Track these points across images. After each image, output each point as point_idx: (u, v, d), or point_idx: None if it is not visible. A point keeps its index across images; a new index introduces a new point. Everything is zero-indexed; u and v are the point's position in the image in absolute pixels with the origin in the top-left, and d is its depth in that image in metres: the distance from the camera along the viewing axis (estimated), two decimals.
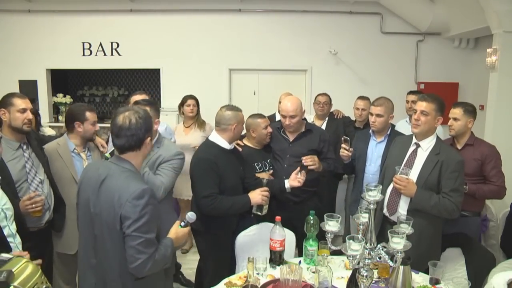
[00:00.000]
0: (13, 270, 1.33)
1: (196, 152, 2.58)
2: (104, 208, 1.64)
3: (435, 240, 2.33)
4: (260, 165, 2.79)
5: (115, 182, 1.65)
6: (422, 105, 2.30)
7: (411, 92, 3.93)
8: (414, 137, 2.41)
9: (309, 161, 2.68)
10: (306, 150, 2.78)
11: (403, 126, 3.42)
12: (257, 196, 2.45)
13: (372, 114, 2.89)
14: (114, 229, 1.62)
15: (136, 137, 1.69)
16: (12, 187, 2.16)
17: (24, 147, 2.34)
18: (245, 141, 2.89)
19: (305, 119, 2.95)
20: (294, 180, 2.60)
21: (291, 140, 2.85)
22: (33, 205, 2.14)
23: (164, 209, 2.12)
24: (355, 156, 2.96)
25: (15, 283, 1.30)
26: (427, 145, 2.33)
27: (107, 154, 2.53)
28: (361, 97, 3.77)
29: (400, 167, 2.30)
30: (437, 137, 2.37)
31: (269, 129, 2.83)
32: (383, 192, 2.32)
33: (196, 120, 3.89)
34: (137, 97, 2.88)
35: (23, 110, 2.29)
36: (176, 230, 1.85)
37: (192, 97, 3.91)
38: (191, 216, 1.90)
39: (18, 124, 2.27)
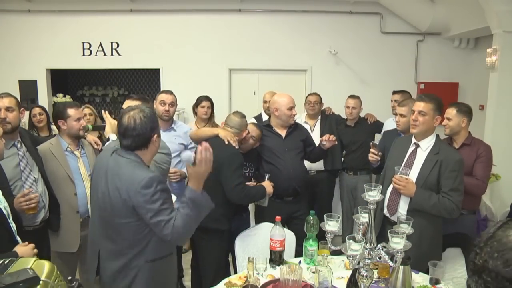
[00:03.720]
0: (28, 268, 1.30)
1: (223, 147, 2.55)
2: (113, 197, 1.70)
3: (436, 240, 2.33)
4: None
5: (122, 171, 1.70)
6: (420, 105, 2.31)
7: (395, 92, 3.95)
8: (413, 137, 2.41)
9: (333, 137, 2.96)
10: (299, 142, 3.01)
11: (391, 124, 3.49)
12: (269, 187, 2.66)
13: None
14: (124, 216, 1.68)
15: (142, 136, 1.72)
16: (5, 185, 2.16)
17: (18, 145, 2.34)
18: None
19: None
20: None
21: (283, 136, 2.98)
22: (27, 202, 2.14)
23: None
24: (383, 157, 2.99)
25: (42, 277, 1.29)
26: (427, 145, 2.34)
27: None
28: (352, 96, 3.90)
29: (400, 167, 2.31)
30: (437, 136, 2.37)
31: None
32: (383, 193, 2.33)
33: (209, 121, 3.80)
34: (131, 102, 2.61)
35: None
36: (192, 172, 1.73)
37: (207, 98, 3.81)
38: (192, 154, 1.83)
39: None
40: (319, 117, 3.98)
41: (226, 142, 2.56)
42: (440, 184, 2.25)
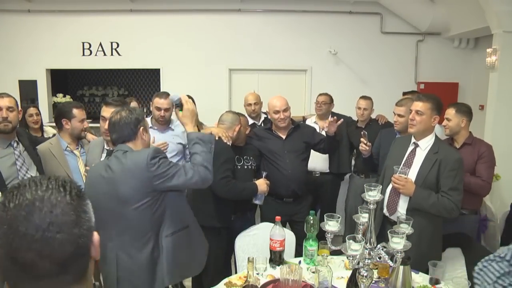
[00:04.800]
0: None
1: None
2: (123, 188, 1.77)
3: (436, 239, 2.33)
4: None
5: (124, 161, 1.79)
6: (418, 105, 2.32)
7: (405, 94, 3.97)
8: (413, 137, 2.42)
9: (334, 118, 2.95)
10: (301, 143, 2.96)
11: None
12: (263, 185, 2.61)
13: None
14: (140, 199, 1.77)
15: (127, 126, 1.85)
16: (1, 184, 2.17)
17: (15, 145, 2.34)
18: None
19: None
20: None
21: (284, 137, 2.96)
22: None
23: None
24: (378, 155, 2.98)
25: None
26: (426, 144, 2.34)
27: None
28: (363, 97, 3.82)
29: (399, 167, 2.31)
30: (436, 136, 2.38)
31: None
32: (383, 192, 2.33)
33: None
34: (109, 109, 2.44)
35: None
36: (184, 114, 1.96)
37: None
38: (174, 97, 2.02)
39: None
40: (329, 118, 3.96)
41: (217, 138, 2.57)
42: (439, 184, 2.25)
